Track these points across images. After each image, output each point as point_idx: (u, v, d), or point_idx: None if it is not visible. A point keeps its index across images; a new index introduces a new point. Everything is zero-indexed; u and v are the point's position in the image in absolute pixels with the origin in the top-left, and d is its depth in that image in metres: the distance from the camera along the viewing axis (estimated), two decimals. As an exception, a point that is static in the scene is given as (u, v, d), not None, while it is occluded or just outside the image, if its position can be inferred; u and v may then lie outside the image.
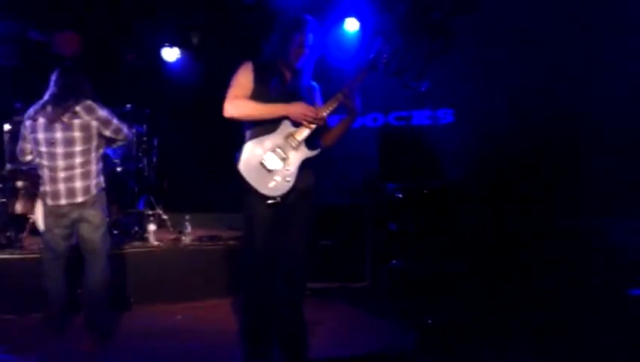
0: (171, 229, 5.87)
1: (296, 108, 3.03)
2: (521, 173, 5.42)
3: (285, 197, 3.03)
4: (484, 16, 5.64)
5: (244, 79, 3.09)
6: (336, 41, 6.48)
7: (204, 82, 6.84)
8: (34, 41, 6.84)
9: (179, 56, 7.30)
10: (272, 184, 3.01)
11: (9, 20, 6.41)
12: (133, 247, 5.05)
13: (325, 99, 3.22)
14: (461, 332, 4.02)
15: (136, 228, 5.54)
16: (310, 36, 3.08)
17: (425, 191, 5.27)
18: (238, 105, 3.04)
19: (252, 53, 3.25)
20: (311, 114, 3.02)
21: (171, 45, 7.24)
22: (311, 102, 3.17)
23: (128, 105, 5.90)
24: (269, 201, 3.01)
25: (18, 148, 3.90)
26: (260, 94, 3.06)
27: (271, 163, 3.01)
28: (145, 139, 6.05)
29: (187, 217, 5.37)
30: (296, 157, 3.05)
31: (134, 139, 5.80)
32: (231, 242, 5.15)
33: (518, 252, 4.95)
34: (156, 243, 5.17)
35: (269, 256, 3.12)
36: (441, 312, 4.30)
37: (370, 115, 6.48)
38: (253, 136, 3.07)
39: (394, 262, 5.21)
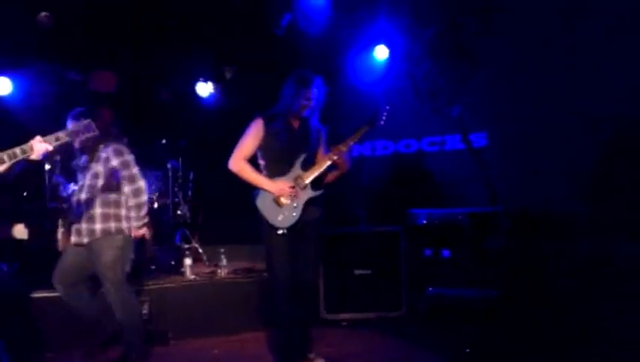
0: (207, 263, 5.91)
1: (277, 186, 3.63)
2: (559, 196, 5.28)
3: (292, 228, 3.63)
4: (513, 37, 5.59)
5: (252, 137, 3.71)
6: (365, 68, 6.50)
7: (238, 116, 6.92)
8: (71, 80, 7.07)
9: (212, 90, 7.42)
10: (280, 217, 3.63)
11: (46, 60, 6.63)
12: (170, 282, 5.09)
13: (348, 127, 3.84)
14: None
15: (173, 263, 5.58)
16: (315, 91, 3.64)
17: (460, 217, 5.18)
18: (239, 166, 3.69)
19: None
20: (287, 192, 3.61)
21: (205, 80, 7.37)
22: (318, 143, 3.82)
23: (163, 140, 6.03)
24: (279, 231, 3.63)
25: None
26: (269, 143, 3.70)
27: (282, 199, 3.63)
28: (180, 173, 6.14)
29: (222, 250, 5.39)
30: (303, 195, 3.66)
31: (171, 174, 5.92)
32: (265, 274, 5.13)
33: (557, 279, 4.79)
34: (193, 277, 5.19)
35: (288, 281, 3.66)
36: (479, 341, 4.23)
37: (403, 141, 6.44)
38: (268, 175, 3.71)
39: (430, 289, 5.10)
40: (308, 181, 3.67)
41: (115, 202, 3.94)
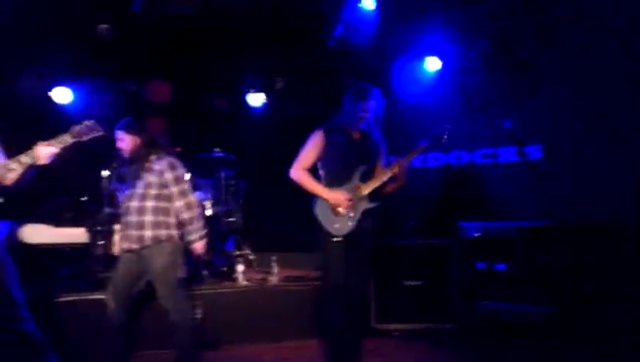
0: (258, 269, 5.97)
1: (334, 195, 3.72)
2: (615, 210, 5.14)
3: (347, 237, 3.70)
4: (572, 48, 5.49)
5: (312, 149, 3.84)
6: (415, 79, 6.49)
7: (288, 125, 7.00)
8: (127, 90, 7.29)
9: (264, 100, 7.54)
10: (337, 225, 3.73)
11: (104, 71, 6.86)
12: (222, 287, 5.18)
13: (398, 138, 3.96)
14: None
15: (225, 269, 5.66)
16: (372, 103, 3.73)
17: (513, 231, 5.11)
18: (299, 175, 3.83)
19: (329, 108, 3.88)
20: (343, 203, 3.70)
21: (257, 90, 7.49)
22: (378, 156, 3.88)
23: (217, 150, 6.15)
24: (334, 239, 3.71)
25: None
26: (329, 155, 3.82)
27: (339, 209, 3.73)
28: (233, 182, 6.25)
29: (274, 258, 5.44)
30: (359, 205, 3.73)
31: (223, 182, 6.03)
32: (317, 282, 5.15)
33: (613, 297, 4.66)
34: (245, 283, 5.27)
35: (342, 289, 3.71)
36: (531, 357, 4.18)
37: (454, 152, 6.39)
38: (327, 185, 3.80)
39: (481, 303, 5.03)
40: (366, 193, 3.73)
41: (166, 210, 4.02)
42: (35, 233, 4.27)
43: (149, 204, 3.97)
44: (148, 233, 3.95)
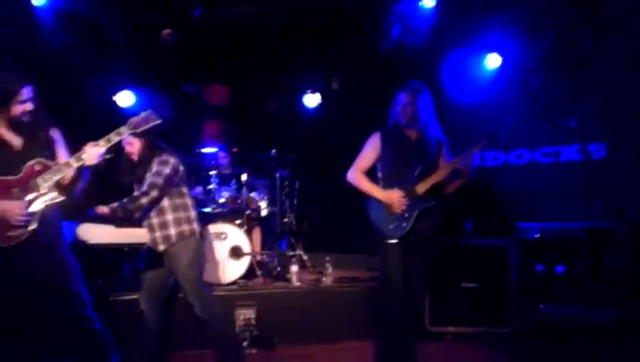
0: (311, 270, 5.99)
1: (387, 195, 3.70)
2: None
3: (403, 238, 3.65)
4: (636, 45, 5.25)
5: (369, 151, 3.86)
6: (476, 76, 6.35)
7: (344, 126, 6.99)
8: (188, 93, 7.48)
9: (320, 101, 7.56)
10: (391, 226, 3.68)
11: (166, 75, 7.05)
12: (276, 287, 5.22)
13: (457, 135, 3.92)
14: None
15: (279, 269, 5.70)
16: (413, 98, 3.69)
17: (576, 232, 4.91)
18: (356, 178, 3.84)
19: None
20: (399, 204, 3.66)
21: (313, 91, 7.53)
22: (438, 154, 3.80)
23: (273, 151, 6.21)
24: (389, 241, 3.66)
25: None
26: (385, 156, 3.82)
27: (393, 209, 3.68)
28: (287, 182, 6.30)
29: (328, 258, 5.43)
30: (414, 206, 3.67)
31: (278, 183, 6.08)
32: (371, 284, 5.11)
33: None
34: (298, 283, 5.29)
35: (399, 291, 3.66)
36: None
37: (514, 151, 6.21)
38: (384, 186, 3.78)
39: (542, 306, 4.85)
40: (421, 191, 3.68)
41: (184, 206, 4.11)
42: (97, 233, 4.42)
43: (166, 203, 4.05)
44: (172, 231, 4.04)
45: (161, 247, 4.07)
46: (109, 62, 6.48)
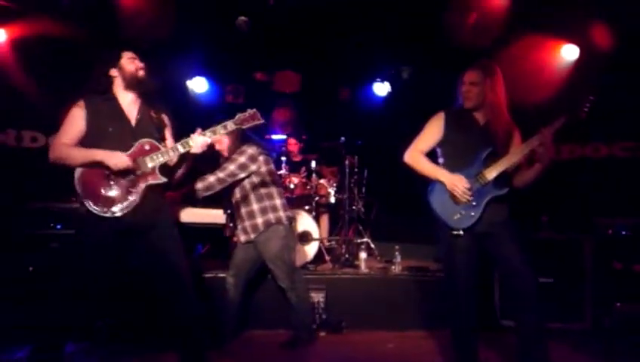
0: (379, 258, 6.00)
1: (452, 178, 3.31)
2: None
3: (470, 230, 3.28)
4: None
5: (431, 130, 3.48)
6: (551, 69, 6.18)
7: (413, 116, 6.93)
8: (258, 80, 7.59)
9: (389, 90, 7.54)
10: (456, 216, 3.30)
11: (237, 61, 7.16)
12: (345, 273, 5.27)
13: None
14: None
15: (347, 256, 5.74)
16: (484, 78, 3.33)
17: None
18: (414, 157, 3.45)
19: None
20: (460, 190, 3.27)
21: (382, 80, 7.51)
22: (509, 139, 3.39)
23: (342, 138, 6.25)
24: (454, 233, 3.29)
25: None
26: (450, 138, 3.43)
27: (459, 196, 3.30)
28: (356, 170, 6.32)
29: (397, 247, 5.44)
30: (484, 193, 3.29)
31: (347, 170, 6.11)
32: (439, 274, 5.09)
33: None
34: (367, 270, 5.31)
35: (467, 286, 3.36)
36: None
37: (590, 144, 6.03)
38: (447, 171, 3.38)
39: (618, 304, 4.72)
40: (491, 177, 3.29)
41: (269, 194, 4.23)
42: (180, 212, 4.63)
43: (250, 193, 4.19)
44: (259, 220, 4.17)
45: (252, 236, 4.23)
46: (183, 48, 6.63)
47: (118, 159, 3.09)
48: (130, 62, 3.26)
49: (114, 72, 3.26)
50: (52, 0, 5.52)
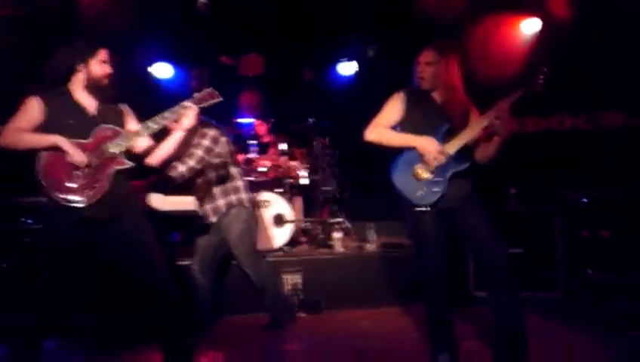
0: (354, 237, 6.05)
1: (424, 142, 3.30)
2: None
3: (435, 206, 3.28)
4: None
5: (390, 109, 3.47)
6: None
7: (380, 94, 6.96)
8: (223, 64, 7.49)
9: (357, 69, 7.53)
10: (419, 193, 3.30)
11: (202, 44, 7.05)
12: (320, 254, 5.31)
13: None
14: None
15: (322, 236, 5.78)
16: (439, 59, 3.35)
17: (620, 198, 4.89)
18: (378, 132, 3.42)
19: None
20: (434, 153, 3.27)
21: (348, 59, 7.50)
22: (465, 117, 3.41)
23: (310, 119, 6.24)
24: (418, 209, 3.29)
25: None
26: (408, 117, 3.43)
27: (421, 174, 3.30)
28: (327, 151, 6.33)
29: (372, 225, 5.48)
30: (445, 169, 3.29)
31: (318, 152, 6.11)
32: (414, 250, 5.15)
33: None
34: (342, 250, 5.36)
35: (437, 260, 3.37)
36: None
37: (555, 117, 6.14)
38: (408, 149, 3.38)
39: (589, 271, 4.86)
40: (451, 151, 3.30)
41: (230, 176, 4.23)
42: (150, 201, 4.55)
43: (212, 175, 4.16)
44: (220, 202, 4.16)
45: (213, 219, 4.19)
46: (144, 34, 6.50)
47: (73, 151, 3.00)
48: (99, 66, 3.13)
49: (80, 67, 3.13)
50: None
